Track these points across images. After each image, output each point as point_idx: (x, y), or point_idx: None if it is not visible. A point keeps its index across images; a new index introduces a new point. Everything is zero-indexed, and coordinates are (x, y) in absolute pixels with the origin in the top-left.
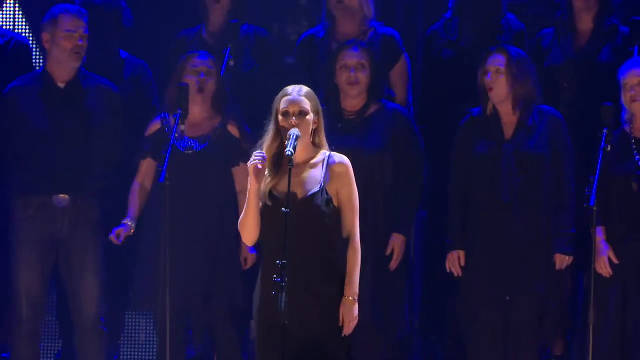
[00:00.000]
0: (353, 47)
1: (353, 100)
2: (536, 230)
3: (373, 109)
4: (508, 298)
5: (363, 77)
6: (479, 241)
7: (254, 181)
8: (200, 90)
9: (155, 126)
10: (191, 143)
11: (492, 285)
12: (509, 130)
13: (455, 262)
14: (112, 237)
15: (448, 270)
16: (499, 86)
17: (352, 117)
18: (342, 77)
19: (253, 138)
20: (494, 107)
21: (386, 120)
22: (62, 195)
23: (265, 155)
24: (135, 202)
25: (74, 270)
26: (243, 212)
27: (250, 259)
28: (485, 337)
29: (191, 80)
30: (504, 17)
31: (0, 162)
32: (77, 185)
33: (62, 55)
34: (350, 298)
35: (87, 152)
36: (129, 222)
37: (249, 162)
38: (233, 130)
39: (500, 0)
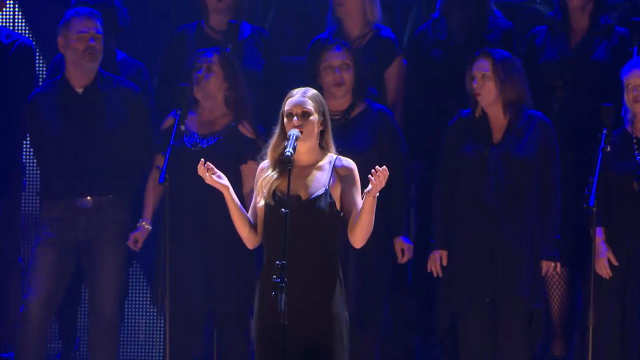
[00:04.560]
0: (336, 47)
1: (338, 100)
2: (521, 233)
3: (358, 109)
4: (488, 300)
5: (348, 77)
6: (464, 243)
7: (222, 190)
8: (197, 83)
9: (168, 122)
10: (200, 140)
11: (476, 287)
12: (497, 134)
13: (436, 261)
14: (130, 244)
15: (429, 270)
16: (486, 91)
17: (337, 117)
18: (327, 78)
19: (265, 137)
20: (483, 110)
21: (372, 121)
22: (85, 198)
23: (206, 161)
24: (149, 200)
25: (95, 272)
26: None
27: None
28: (473, 339)
29: (193, 77)
30: (492, 15)
31: (24, 165)
32: (100, 188)
33: (76, 57)
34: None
35: (108, 155)
36: (144, 224)
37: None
38: (244, 129)
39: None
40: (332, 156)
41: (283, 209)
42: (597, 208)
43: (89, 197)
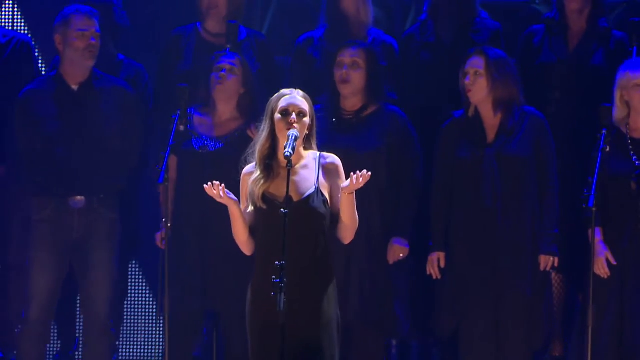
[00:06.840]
0: (351, 46)
1: (348, 99)
2: (520, 233)
3: (371, 110)
4: (491, 300)
5: (355, 76)
6: (463, 244)
7: (227, 204)
8: (220, 83)
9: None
10: (207, 142)
11: (477, 288)
12: (490, 133)
13: (434, 263)
14: (158, 243)
15: (428, 273)
16: (477, 88)
17: (349, 116)
18: (336, 75)
19: None
20: (476, 110)
21: (383, 121)
22: (77, 197)
23: (218, 184)
24: (164, 201)
25: (88, 272)
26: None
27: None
28: (475, 340)
29: (213, 77)
30: (478, 16)
31: (16, 164)
32: (92, 187)
33: (75, 55)
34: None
35: (101, 154)
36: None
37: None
38: (253, 135)
39: (474, 0)
40: (314, 153)
41: (282, 209)
42: (595, 208)
43: (81, 197)
